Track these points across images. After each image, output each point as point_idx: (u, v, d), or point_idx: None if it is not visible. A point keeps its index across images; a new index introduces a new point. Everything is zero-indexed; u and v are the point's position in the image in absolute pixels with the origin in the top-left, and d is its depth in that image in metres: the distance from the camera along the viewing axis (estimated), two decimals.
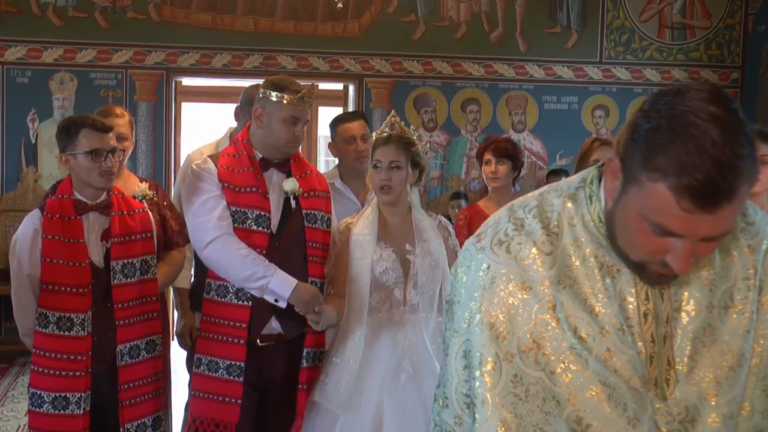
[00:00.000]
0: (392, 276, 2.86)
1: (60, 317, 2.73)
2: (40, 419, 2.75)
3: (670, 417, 1.26)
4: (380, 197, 2.93)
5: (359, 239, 2.90)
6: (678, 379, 1.27)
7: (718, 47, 7.23)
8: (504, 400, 1.26)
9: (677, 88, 1.17)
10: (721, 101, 1.13)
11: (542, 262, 1.29)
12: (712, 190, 1.09)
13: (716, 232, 1.15)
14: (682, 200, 1.11)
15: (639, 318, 1.27)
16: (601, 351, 1.25)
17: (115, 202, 2.86)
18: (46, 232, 2.75)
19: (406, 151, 2.91)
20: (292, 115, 2.93)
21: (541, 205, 1.34)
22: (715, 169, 1.08)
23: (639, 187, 1.16)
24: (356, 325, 2.84)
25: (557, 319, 1.27)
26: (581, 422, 1.25)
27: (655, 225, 1.16)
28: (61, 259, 2.74)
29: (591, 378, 1.25)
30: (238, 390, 2.84)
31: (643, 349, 1.27)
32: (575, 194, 1.33)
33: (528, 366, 1.26)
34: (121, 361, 2.82)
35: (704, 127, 1.10)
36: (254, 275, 2.78)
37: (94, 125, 2.80)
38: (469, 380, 1.31)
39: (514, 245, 1.31)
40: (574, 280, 1.28)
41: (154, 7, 6.54)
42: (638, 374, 1.26)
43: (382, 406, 2.76)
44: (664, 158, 1.11)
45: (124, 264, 2.82)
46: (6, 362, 6.09)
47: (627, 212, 1.20)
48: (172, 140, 6.72)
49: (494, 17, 6.96)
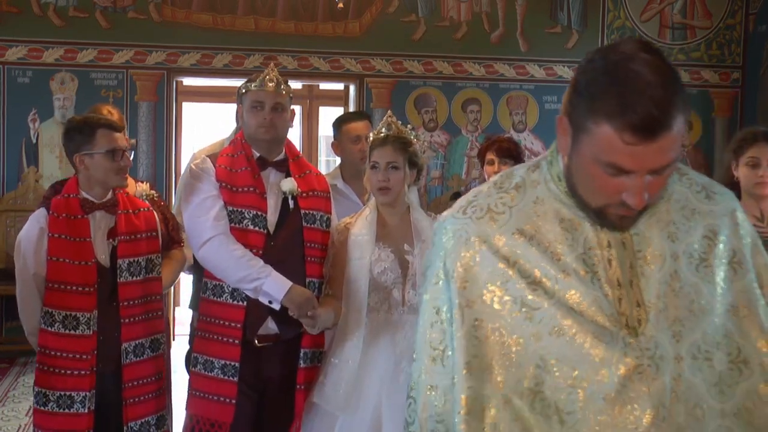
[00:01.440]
0: (391, 276, 2.86)
1: (66, 316, 2.74)
2: (45, 418, 2.76)
3: (641, 351, 1.34)
4: (379, 198, 2.93)
5: (358, 239, 2.89)
6: (648, 319, 1.36)
7: (719, 47, 7.22)
8: (468, 343, 1.39)
9: (609, 44, 1.31)
10: (650, 48, 1.27)
11: (495, 221, 1.43)
12: (650, 122, 1.22)
13: (661, 163, 1.27)
14: (625, 135, 1.23)
15: (604, 264, 1.38)
16: (564, 293, 1.36)
17: (121, 200, 2.88)
18: (52, 231, 2.76)
19: (404, 151, 2.90)
20: (254, 100, 2.93)
21: (505, 175, 1.50)
22: (652, 103, 1.21)
23: (587, 134, 1.28)
24: (355, 325, 2.83)
25: (513, 268, 1.39)
26: (544, 359, 1.35)
27: (606, 165, 1.28)
28: (67, 258, 2.75)
29: (553, 318, 1.36)
30: (233, 390, 2.84)
31: (609, 292, 1.36)
32: (538, 163, 1.48)
33: (488, 309, 1.39)
34: (126, 360, 2.82)
35: (638, 70, 1.23)
36: (248, 276, 2.78)
37: (110, 125, 2.84)
38: (438, 333, 1.44)
39: (469, 208, 1.46)
40: (536, 230, 1.40)
41: (154, 7, 6.54)
42: (606, 313, 1.35)
43: (380, 406, 2.75)
44: (605, 102, 1.24)
45: (130, 262, 2.83)
46: (7, 362, 6.09)
47: (581, 160, 1.32)
48: (172, 140, 6.72)
49: (495, 17, 6.96)
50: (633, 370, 1.33)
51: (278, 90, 2.93)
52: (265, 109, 2.92)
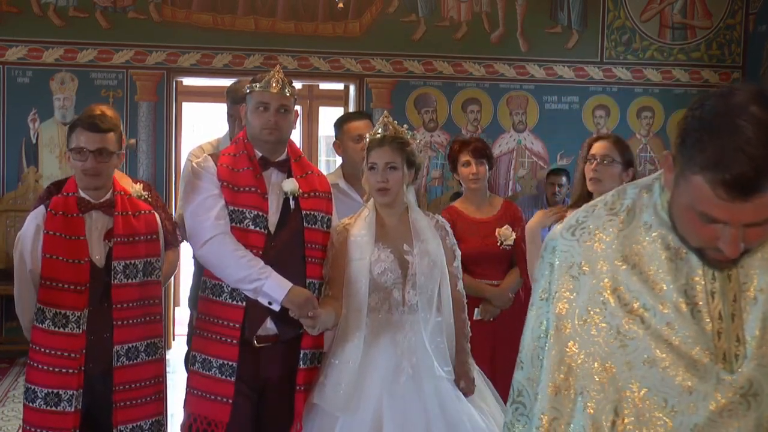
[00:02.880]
0: (391, 277, 2.85)
1: (56, 313, 2.74)
2: (33, 414, 2.77)
3: (733, 389, 1.33)
4: (378, 199, 2.92)
5: (357, 240, 2.89)
6: (747, 355, 1.34)
7: (719, 47, 7.22)
8: (557, 364, 1.43)
9: (725, 89, 1.29)
10: (763, 101, 1.24)
11: (601, 244, 1.43)
12: (744, 183, 1.20)
13: (757, 219, 1.25)
14: (717, 190, 1.22)
15: (706, 296, 1.36)
16: (661, 325, 1.36)
17: (119, 201, 2.86)
18: (48, 228, 2.77)
19: (402, 151, 2.89)
20: (259, 101, 2.92)
21: (617, 194, 1.49)
22: (747, 164, 1.19)
23: (685, 180, 1.28)
24: (355, 326, 2.83)
25: (613, 295, 1.40)
26: (636, 388, 1.36)
27: (700, 213, 1.27)
28: (60, 255, 2.75)
29: (646, 349, 1.36)
30: (230, 389, 2.83)
31: (710, 325, 1.35)
32: (651, 185, 1.46)
33: (583, 334, 1.41)
34: (117, 362, 2.81)
35: (741, 126, 1.21)
36: (248, 277, 2.78)
37: (84, 124, 2.81)
38: (541, 346, 1.49)
39: (578, 230, 1.47)
40: (638, 258, 1.40)
41: (154, 7, 6.54)
42: (703, 347, 1.35)
43: (381, 407, 2.75)
44: (702, 155, 1.23)
45: (126, 264, 2.82)
46: (7, 362, 6.09)
47: (679, 203, 1.32)
48: (172, 140, 6.72)
49: (495, 17, 6.96)
50: (724, 406, 1.33)
51: (283, 92, 2.92)
52: (269, 110, 2.91)
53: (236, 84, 3.88)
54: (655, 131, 7.15)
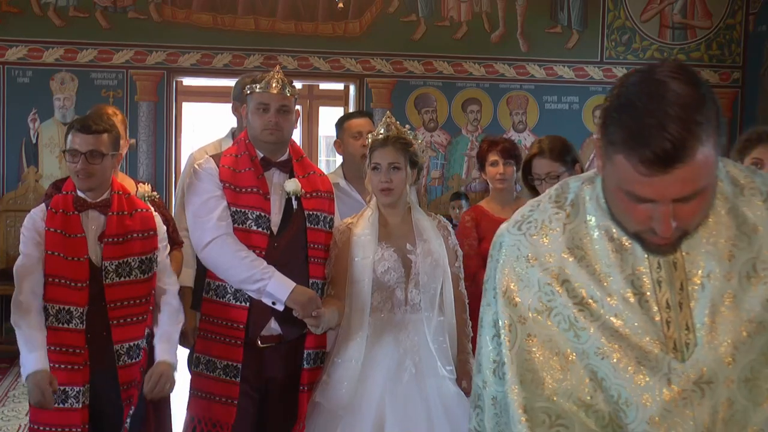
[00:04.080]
0: (394, 276, 2.85)
1: (59, 309, 2.75)
2: (40, 413, 2.76)
3: (686, 377, 1.33)
4: (381, 199, 2.92)
5: (360, 239, 2.89)
6: (697, 343, 1.33)
7: (719, 47, 7.22)
8: (519, 358, 1.41)
9: (645, 66, 1.28)
10: (684, 76, 1.23)
11: (547, 237, 1.43)
12: (663, 155, 1.19)
13: (683, 193, 1.23)
14: (638, 167, 1.21)
15: (653, 285, 1.35)
16: (609, 316, 1.36)
17: (115, 201, 2.86)
18: (49, 226, 2.78)
19: (405, 151, 2.89)
20: (260, 102, 2.91)
21: (561, 188, 1.49)
22: (666, 137, 1.18)
23: (610, 161, 1.27)
24: (358, 325, 2.83)
25: (562, 287, 1.39)
26: (595, 374, 1.36)
27: (627, 193, 1.26)
28: (61, 252, 2.77)
29: (597, 341, 1.35)
30: (235, 391, 2.84)
31: (658, 315, 1.35)
32: (593, 177, 1.45)
33: (539, 325, 1.40)
34: (119, 362, 2.81)
35: (659, 100, 1.20)
36: (252, 277, 2.78)
37: (77, 126, 2.82)
38: (496, 346, 1.46)
39: (525, 224, 1.46)
40: (584, 251, 1.39)
41: (154, 7, 6.54)
42: (653, 337, 1.34)
43: (384, 406, 2.75)
44: (621, 133, 1.23)
45: (118, 264, 2.82)
46: (6, 362, 6.08)
47: (609, 187, 1.32)
48: (172, 140, 6.72)
49: (495, 17, 6.96)
50: (677, 395, 1.32)
51: (284, 92, 2.91)
52: (270, 111, 2.90)
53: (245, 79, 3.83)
54: None
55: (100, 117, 2.98)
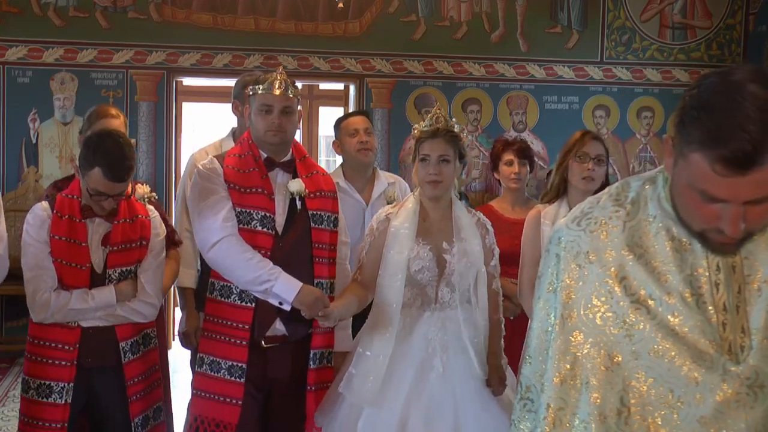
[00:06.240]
0: (427, 275, 2.82)
1: None
2: (26, 405, 2.81)
3: (740, 380, 1.34)
4: (429, 192, 2.88)
5: (399, 232, 2.84)
6: (752, 346, 1.35)
7: (719, 47, 7.22)
8: (563, 355, 1.43)
9: (723, 69, 1.29)
10: (762, 80, 1.24)
11: (607, 234, 1.43)
12: (742, 157, 1.20)
13: (757, 195, 1.24)
14: (716, 166, 1.22)
15: (711, 287, 1.36)
16: (666, 315, 1.36)
17: (121, 209, 2.86)
18: (54, 232, 2.78)
19: (455, 144, 2.86)
20: (263, 103, 2.91)
21: (621, 186, 1.50)
22: (744, 139, 1.19)
23: (684, 159, 1.28)
24: (388, 320, 2.79)
25: (620, 284, 1.40)
26: (642, 378, 1.37)
27: (700, 192, 1.27)
28: (63, 259, 2.78)
29: (653, 339, 1.36)
30: (239, 391, 2.83)
31: (714, 317, 1.35)
32: (654, 177, 1.46)
33: (588, 323, 1.41)
34: (125, 359, 2.85)
35: (739, 102, 1.21)
36: (258, 278, 2.77)
37: (108, 171, 2.68)
38: (548, 339, 1.48)
39: (584, 220, 1.48)
40: (644, 249, 1.40)
41: (154, 7, 6.53)
42: (709, 338, 1.35)
43: (409, 403, 2.72)
44: (700, 132, 1.23)
45: (121, 272, 2.85)
46: (7, 362, 6.07)
47: (679, 184, 1.32)
48: (172, 140, 6.72)
49: (495, 17, 6.96)
50: (731, 397, 1.33)
51: (286, 93, 2.91)
52: (273, 113, 2.90)
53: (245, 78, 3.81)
54: (655, 131, 7.15)
55: (125, 159, 2.74)
